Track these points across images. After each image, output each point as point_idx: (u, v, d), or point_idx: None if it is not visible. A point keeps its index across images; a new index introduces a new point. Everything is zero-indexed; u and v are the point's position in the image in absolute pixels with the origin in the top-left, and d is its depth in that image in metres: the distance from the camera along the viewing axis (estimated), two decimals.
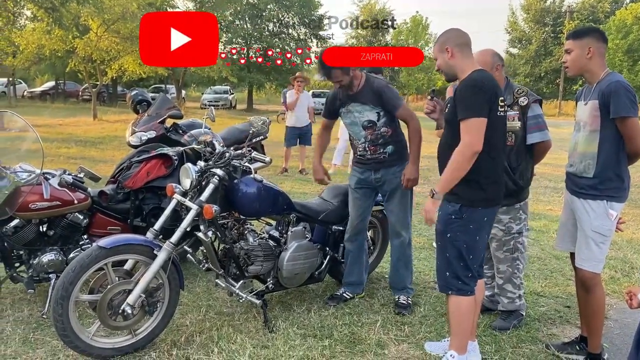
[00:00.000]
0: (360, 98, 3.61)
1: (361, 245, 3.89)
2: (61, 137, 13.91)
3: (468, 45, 2.82)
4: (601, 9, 38.99)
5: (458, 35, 2.84)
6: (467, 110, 2.66)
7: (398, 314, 3.66)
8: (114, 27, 19.95)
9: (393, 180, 3.66)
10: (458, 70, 2.80)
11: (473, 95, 2.67)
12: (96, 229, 3.88)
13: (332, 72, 3.52)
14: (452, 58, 2.79)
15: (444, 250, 2.85)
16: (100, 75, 22.77)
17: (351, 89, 3.61)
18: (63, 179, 3.63)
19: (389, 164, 3.67)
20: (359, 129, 3.67)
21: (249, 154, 3.29)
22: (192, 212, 3.10)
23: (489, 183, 2.76)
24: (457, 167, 2.66)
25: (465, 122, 2.66)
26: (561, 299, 4.05)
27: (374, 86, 3.59)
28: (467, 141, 2.64)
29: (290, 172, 9.59)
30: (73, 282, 2.83)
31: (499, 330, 3.45)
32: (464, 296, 2.85)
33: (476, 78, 2.71)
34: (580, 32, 3.02)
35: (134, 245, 3.02)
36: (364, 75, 3.64)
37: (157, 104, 6.00)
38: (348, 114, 3.69)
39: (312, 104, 9.94)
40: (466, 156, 2.64)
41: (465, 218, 2.77)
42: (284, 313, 3.64)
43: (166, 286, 3.13)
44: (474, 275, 2.87)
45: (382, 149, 3.65)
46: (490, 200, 2.81)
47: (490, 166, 2.75)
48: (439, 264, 2.91)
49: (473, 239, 2.80)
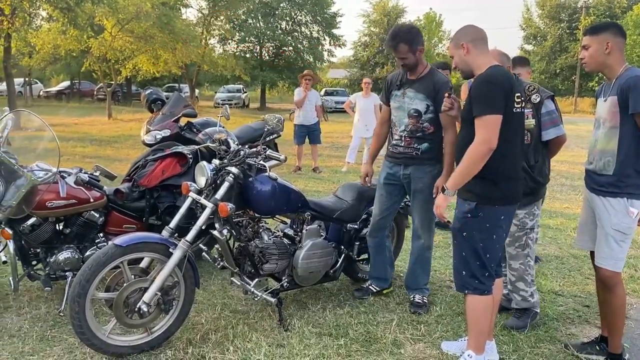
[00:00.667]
0: (418, 85, 3.56)
1: (381, 241, 3.87)
2: (77, 136, 14.05)
3: (484, 41, 2.79)
4: (618, 4, 38.45)
5: (473, 31, 2.81)
6: (482, 106, 2.63)
7: (414, 313, 3.64)
8: (128, 26, 20.09)
9: (422, 179, 3.60)
10: (474, 67, 2.77)
11: (488, 91, 2.63)
12: (112, 227, 3.90)
13: (399, 46, 3.48)
14: (468, 54, 2.76)
15: (461, 249, 2.82)
16: (115, 75, 22.96)
17: (414, 72, 3.58)
18: (79, 177, 3.65)
19: (421, 161, 3.60)
20: (403, 114, 3.61)
21: (263, 152, 3.28)
22: (207, 210, 3.10)
23: (505, 180, 2.72)
24: (471, 163, 2.62)
25: (480, 119, 2.63)
26: (580, 298, 3.99)
27: (435, 79, 3.54)
28: (481, 138, 2.60)
29: (303, 170, 9.58)
30: (89, 280, 2.84)
31: (513, 329, 3.41)
32: (481, 295, 2.82)
33: (491, 74, 2.67)
34: (598, 27, 2.97)
35: (149, 244, 3.02)
36: (429, 65, 3.63)
37: (171, 103, 6.02)
38: (399, 98, 3.63)
39: (320, 102, 9.92)
40: (480, 153, 2.60)
41: (481, 216, 2.73)
42: (299, 311, 3.62)
43: (182, 284, 3.13)
44: (491, 274, 2.83)
45: (417, 144, 3.58)
46: (507, 198, 2.76)
47: (506, 163, 2.71)
48: (456, 263, 2.88)
49: (489, 237, 2.76)
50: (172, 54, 22.42)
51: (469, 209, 2.76)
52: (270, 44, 34.66)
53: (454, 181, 2.68)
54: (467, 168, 2.64)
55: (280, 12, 34.51)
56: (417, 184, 3.62)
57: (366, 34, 41.27)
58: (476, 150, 2.60)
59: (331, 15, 35.52)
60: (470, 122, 2.72)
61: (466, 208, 2.77)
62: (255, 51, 35.04)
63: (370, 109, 9.50)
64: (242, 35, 33.79)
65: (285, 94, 45.31)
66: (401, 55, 3.50)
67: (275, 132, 3.49)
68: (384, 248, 3.89)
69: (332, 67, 49.64)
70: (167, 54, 22.41)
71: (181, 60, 23.47)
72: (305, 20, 35.54)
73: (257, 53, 35.05)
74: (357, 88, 39.44)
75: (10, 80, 16.06)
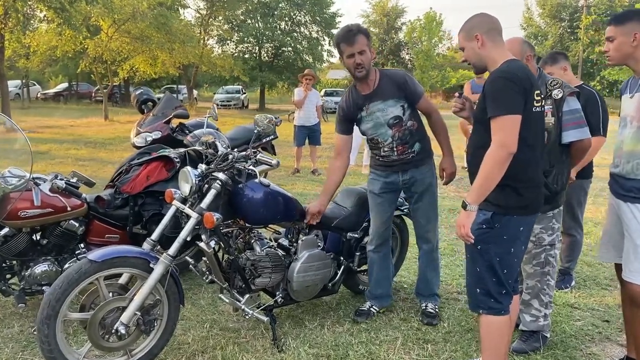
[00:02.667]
0: (380, 95, 3.26)
1: (387, 254, 3.57)
2: (71, 138, 13.77)
3: (498, 32, 2.48)
4: (619, 2, 38.16)
5: (487, 20, 2.50)
6: (499, 106, 2.32)
7: (427, 324, 3.37)
8: (125, 27, 19.85)
9: (424, 181, 3.37)
10: (489, 61, 2.47)
11: (505, 89, 2.32)
12: (93, 237, 3.63)
13: (358, 38, 3.14)
14: (483, 47, 2.46)
15: (474, 264, 2.52)
16: (111, 76, 22.68)
17: (366, 82, 3.26)
18: (55, 184, 3.37)
19: (417, 163, 3.35)
20: (384, 129, 3.30)
21: (253, 156, 2.99)
22: (191, 220, 2.81)
23: (525, 187, 2.43)
24: (491, 172, 2.31)
25: (497, 120, 2.32)
26: (598, 312, 3.69)
27: (392, 77, 3.27)
28: (499, 142, 2.30)
29: (302, 172, 9.29)
30: (60, 300, 2.56)
31: (517, 353, 3.06)
32: (496, 316, 2.53)
33: (508, 69, 2.36)
34: (624, 17, 2.67)
35: (128, 258, 2.73)
36: (377, 70, 3.30)
37: (162, 104, 5.75)
38: (369, 117, 3.31)
39: (320, 103, 9.66)
40: (500, 159, 2.29)
41: (497, 227, 2.43)
42: (294, 329, 3.33)
43: (164, 302, 2.85)
44: (508, 291, 2.53)
45: (410, 147, 3.31)
46: (527, 208, 2.46)
47: (526, 169, 2.41)
48: (469, 280, 2.58)
49: (507, 251, 2.47)
50: (169, 55, 22.15)
51: (484, 220, 2.45)
52: (269, 44, 34.42)
53: (476, 194, 2.35)
54: (487, 177, 2.32)
55: (279, 12, 34.25)
56: (421, 185, 3.38)
57: None
58: (495, 156, 2.30)
59: (330, 15, 35.26)
60: (483, 123, 2.43)
61: (481, 218, 2.45)
62: (254, 52, 34.79)
63: None
64: (240, 36, 33.60)
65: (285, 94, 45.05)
66: (359, 48, 3.13)
67: (267, 134, 3.18)
68: (389, 262, 3.60)
69: (332, 68, 49.38)
70: (165, 55, 22.15)
71: (179, 61, 23.21)
72: (305, 21, 35.29)
73: (256, 54, 34.80)
74: None
75: (3, 82, 15.78)
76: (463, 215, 2.39)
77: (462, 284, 4.17)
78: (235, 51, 34.18)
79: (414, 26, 40.99)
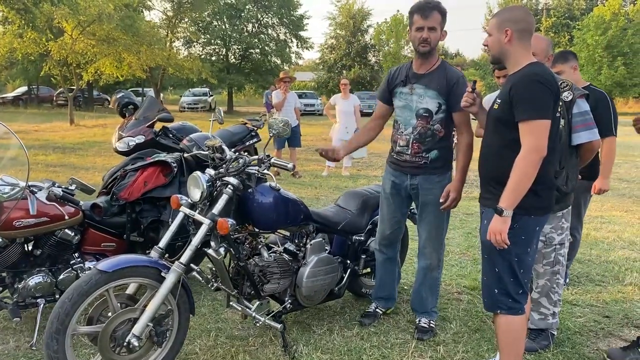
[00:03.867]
0: (428, 80, 3.12)
1: (393, 257, 3.52)
2: (38, 144, 13.31)
3: (530, 33, 2.48)
4: (577, 6, 39.43)
5: (523, 17, 2.46)
6: (531, 110, 2.31)
7: (417, 339, 3.25)
8: (90, 29, 19.26)
9: (431, 191, 3.19)
10: (510, 59, 2.46)
11: (541, 93, 2.32)
12: (89, 246, 3.50)
13: (433, 14, 3.02)
14: (509, 43, 2.44)
15: (493, 265, 2.52)
16: (76, 79, 22.05)
17: (425, 63, 3.13)
18: (52, 191, 3.23)
19: (430, 171, 3.19)
20: (411, 115, 3.17)
21: (267, 160, 2.92)
22: (204, 227, 2.72)
23: (544, 189, 2.45)
24: (523, 175, 2.31)
25: (529, 124, 2.31)
26: (597, 308, 3.76)
27: (448, 73, 3.11)
28: (531, 146, 2.30)
29: (282, 175, 9.22)
30: (70, 313, 2.44)
31: (527, 352, 3.08)
32: (515, 315, 2.53)
33: (539, 72, 2.35)
34: None
35: (139, 268, 2.63)
36: (440, 58, 3.20)
37: (144, 107, 5.60)
38: (406, 95, 3.18)
39: (299, 105, 9.60)
40: (533, 162, 2.30)
41: (516, 228, 2.42)
42: (303, 335, 3.28)
43: (175, 312, 2.76)
44: (525, 291, 2.55)
45: (426, 152, 3.18)
46: (545, 208, 2.50)
47: (546, 171, 2.43)
48: (487, 280, 2.58)
49: (525, 251, 2.48)
50: (136, 57, 21.68)
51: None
52: (237, 46, 34.12)
53: (511, 198, 2.33)
54: (519, 181, 2.31)
55: (246, 15, 33.98)
56: (427, 195, 3.22)
57: (333, 37, 41.07)
58: (527, 160, 2.30)
59: (298, 17, 35.21)
60: (505, 124, 2.41)
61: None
62: (221, 54, 34.44)
63: (350, 110, 9.23)
64: (207, 38, 33.17)
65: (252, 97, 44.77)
66: (431, 24, 3.01)
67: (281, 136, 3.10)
68: (395, 265, 3.56)
69: (299, 70, 49.33)
70: (131, 57, 21.65)
71: (146, 64, 22.73)
72: (272, 23, 35.12)
73: (223, 56, 34.45)
74: (324, 90, 39.27)
75: None
76: (499, 221, 2.35)
77: (461, 284, 4.19)
78: (202, 53, 33.75)
79: (382, 29, 41.30)
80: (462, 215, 6.53)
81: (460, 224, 6.11)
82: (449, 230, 5.71)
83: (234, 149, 5.58)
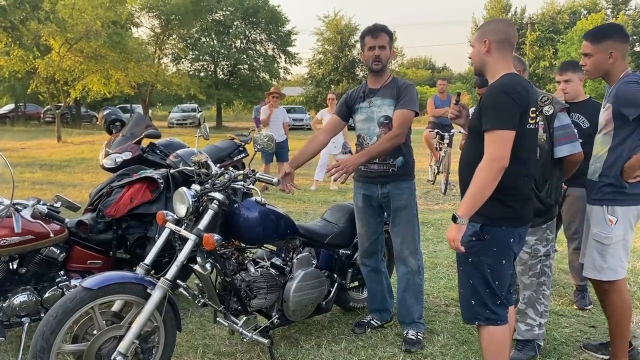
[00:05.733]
0: (383, 92, 3.35)
1: (376, 266, 3.56)
2: (25, 162, 13.22)
3: (510, 43, 2.49)
4: (560, 20, 40.07)
5: (502, 29, 2.49)
6: (494, 120, 2.32)
7: (406, 351, 3.27)
8: (77, 46, 19.25)
9: (401, 196, 3.34)
10: (489, 70, 2.50)
11: (503, 104, 2.32)
12: (74, 264, 3.47)
13: (381, 35, 3.32)
14: (488, 54, 2.47)
15: (467, 277, 2.52)
16: (64, 96, 21.97)
17: (379, 79, 3.38)
18: (37, 209, 3.21)
19: (396, 178, 3.34)
20: (373, 125, 3.35)
21: (252, 175, 2.94)
22: (189, 243, 2.73)
23: (515, 200, 2.44)
24: (482, 185, 2.30)
25: (492, 134, 2.33)
26: (583, 318, 3.79)
27: (398, 83, 3.37)
28: (492, 156, 2.30)
29: (271, 189, 9.22)
30: (55, 331, 2.43)
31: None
32: (496, 326, 2.52)
33: (507, 83, 2.37)
34: (601, 35, 2.94)
35: (124, 284, 2.62)
36: (392, 75, 3.44)
37: (132, 123, 5.60)
38: (365, 109, 3.39)
39: (287, 120, 9.64)
40: (492, 172, 2.29)
41: (487, 239, 2.43)
42: (291, 350, 3.27)
43: (162, 329, 2.75)
44: (503, 302, 2.53)
45: (392, 158, 3.32)
46: (517, 219, 2.47)
47: (517, 182, 2.43)
48: (463, 292, 2.57)
49: (498, 262, 2.47)
50: (124, 74, 21.68)
51: (474, 232, 2.45)
52: (225, 62, 34.28)
53: (467, 207, 2.32)
54: (478, 190, 2.30)
55: (234, 31, 34.21)
56: (397, 201, 3.35)
57: (320, 52, 41.36)
58: (487, 169, 2.30)
59: (286, 33, 35.47)
60: (477, 133, 2.44)
61: (471, 231, 2.42)
62: (209, 70, 34.58)
63: None
64: (195, 54, 33.28)
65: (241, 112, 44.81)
66: (381, 43, 3.30)
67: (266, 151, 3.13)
68: (380, 275, 3.59)
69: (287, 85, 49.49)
70: (119, 74, 21.66)
71: (134, 80, 22.74)
72: (260, 39, 35.38)
73: (211, 72, 34.58)
74: (312, 105, 39.44)
75: None
76: (454, 228, 2.35)
77: (448, 297, 4.21)
78: (191, 69, 33.84)
79: None
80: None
81: None
82: (436, 242, 5.80)
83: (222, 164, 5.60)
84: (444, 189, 9.05)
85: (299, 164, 3.43)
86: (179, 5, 28.72)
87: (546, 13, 40.83)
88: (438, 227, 6.54)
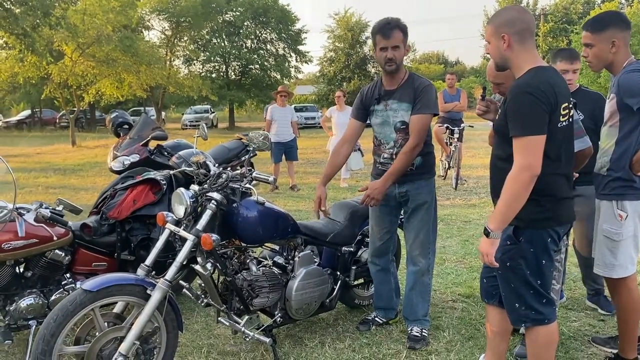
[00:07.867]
0: (399, 94, 3.22)
1: (386, 267, 3.53)
2: (39, 167, 13.41)
3: (530, 31, 2.29)
4: (574, 10, 39.56)
5: (517, 17, 2.28)
6: (521, 126, 2.16)
7: (409, 347, 3.24)
8: (89, 50, 19.51)
9: (418, 197, 3.27)
10: (513, 65, 2.31)
11: (529, 107, 2.15)
12: (80, 266, 3.49)
13: (394, 33, 3.11)
14: (509, 49, 2.28)
15: (507, 281, 2.41)
16: (77, 101, 22.25)
17: (394, 79, 3.23)
18: (40, 213, 3.24)
19: (414, 177, 3.26)
20: (390, 130, 3.27)
21: (249, 174, 2.94)
22: (188, 243, 2.73)
23: (550, 201, 2.29)
24: (513, 197, 2.16)
25: (520, 140, 2.17)
26: (593, 312, 3.73)
27: (415, 82, 3.21)
28: (522, 164, 2.15)
29: (281, 189, 9.24)
30: (55, 334, 2.44)
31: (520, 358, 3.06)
32: (541, 326, 2.41)
33: (530, 82, 2.18)
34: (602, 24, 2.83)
35: (124, 286, 2.63)
36: (407, 70, 3.28)
37: (139, 126, 5.63)
38: (382, 113, 3.28)
39: (296, 118, 9.65)
40: (522, 183, 2.15)
41: (522, 242, 2.31)
42: (295, 349, 3.27)
43: (163, 329, 2.75)
44: (550, 299, 2.41)
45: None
46: (552, 220, 2.32)
47: (551, 182, 2.27)
48: (506, 296, 2.45)
49: (538, 263, 2.33)
50: (136, 77, 21.88)
51: (507, 236, 2.32)
52: (236, 62, 34.41)
53: (499, 220, 2.19)
54: (510, 202, 2.16)
55: (245, 31, 34.31)
56: (416, 200, 3.29)
57: (331, 50, 41.29)
58: (517, 179, 2.15)
59: (296, 32, 35.49)
60: (503, 135, 2.32)
61: (504, 235, 2.30)
62: (221, 71, 34.75)
63: (346, 122, 9.15)
64: (207, 55, 33.45)
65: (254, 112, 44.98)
66: (394, 43, 3.11)
67: (262, 150, 3.15)
68: (389, 275, 3.56)
69: (299, 84, 49.58)
70: (131, 77, 21.87)
71: (146, 83, 22.94)
72: (271, 38, 35.44)
73: (223, 72, 34.74)
74: (325, 103, 39.41)
75: None
76: (487, 243, 2.23)
77: (456, 292, 4.17)
78: (202, 71, 34.04)
79: None
80: (460, 222, 6.52)
81: (458, 231, 6.09)
82: (445, 238, 5.76)
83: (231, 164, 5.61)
84: (454, 184, 8.98)
85: (328, 179, 3.42)
86: (189, 8, 28.92)
87: (559, 3, 40.34)
88: (448, 223, 6.49)
